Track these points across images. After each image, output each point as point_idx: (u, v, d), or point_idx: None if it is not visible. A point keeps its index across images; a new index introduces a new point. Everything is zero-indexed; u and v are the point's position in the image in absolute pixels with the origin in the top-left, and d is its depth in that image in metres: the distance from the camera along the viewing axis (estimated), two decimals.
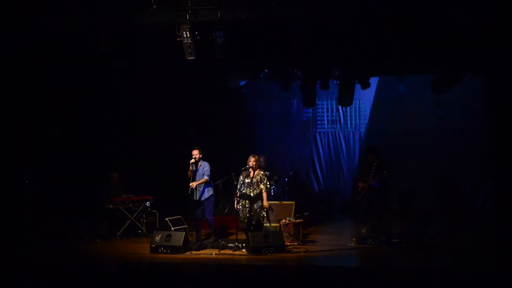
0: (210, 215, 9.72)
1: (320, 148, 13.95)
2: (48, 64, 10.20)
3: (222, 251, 9.02)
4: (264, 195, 9.25)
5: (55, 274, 7.32)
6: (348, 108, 13.46)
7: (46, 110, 11.29)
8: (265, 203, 9.24)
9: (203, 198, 9.62)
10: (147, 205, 10.96)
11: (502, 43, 8.95)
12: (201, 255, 8.88)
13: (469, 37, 9.02)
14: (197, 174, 9.57)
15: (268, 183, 9.42)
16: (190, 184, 9.41)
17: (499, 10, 8.47)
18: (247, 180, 9.33)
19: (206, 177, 9.56)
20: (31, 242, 9.89)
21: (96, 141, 12.11)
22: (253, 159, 9.35)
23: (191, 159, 9.51)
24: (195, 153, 9.55)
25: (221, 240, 9.42)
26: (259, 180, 9.29)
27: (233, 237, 9.60)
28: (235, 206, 9.35)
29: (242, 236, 9.26)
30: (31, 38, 9.26)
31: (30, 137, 11.18)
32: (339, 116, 13.77)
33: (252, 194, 9.26)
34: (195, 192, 9.48)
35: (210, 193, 9.68)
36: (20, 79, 10.50)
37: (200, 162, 9.62)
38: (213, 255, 8.85)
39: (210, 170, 9.62)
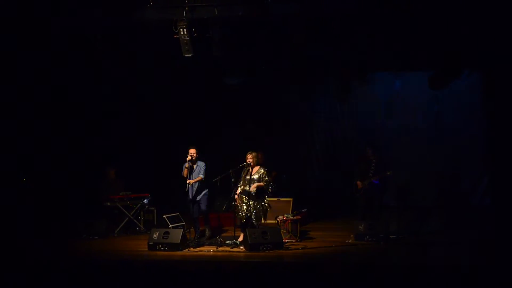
0: (204, 206, 9.76)
1: (318, 145, 13.91)
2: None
3: (220, 248, 9.03)
4: (258, 184, 9.22)
5: (53, 272, 7.31)
6: (345, 104, 13.43)
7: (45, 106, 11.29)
8: (252, 187, 9.20)
9: (198, 198, 9.73)
10: (145, 202, 10.95)
11: (500, 39, 8.94)
12: (199, 252, 8.88)
13: (467, 33, 9.02)
14: (194, 172, 9.66)
15: (268, 180, 9.38)
16: (188, 181, 9.50)
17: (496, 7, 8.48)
18: (247, 177, 9.33)
19: (201, 175, 9.64)
20: (28, 240, 9.89)
21: (94, 136, 12.09)
22: (251, 156, 9.36)
23: (187, 157, 9.57)
24: (192, 151, 9.63)
25: (219, 237, 9.46)
26: (259, 177, 9.28)
27: (231, 234, 9.60)
28: (233, 202, 9.35)
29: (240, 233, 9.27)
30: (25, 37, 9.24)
31: (28, 134, 11.17)
32: (337, 112, 13.73)
33: (251, 191, 9.25)
34: (191, 190, 9.59)
35: (204, 192, 9.76)
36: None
37: (197, 162, 9.69)
38: (211, 252, 8.85)
39: (206, 169, 9.68)
